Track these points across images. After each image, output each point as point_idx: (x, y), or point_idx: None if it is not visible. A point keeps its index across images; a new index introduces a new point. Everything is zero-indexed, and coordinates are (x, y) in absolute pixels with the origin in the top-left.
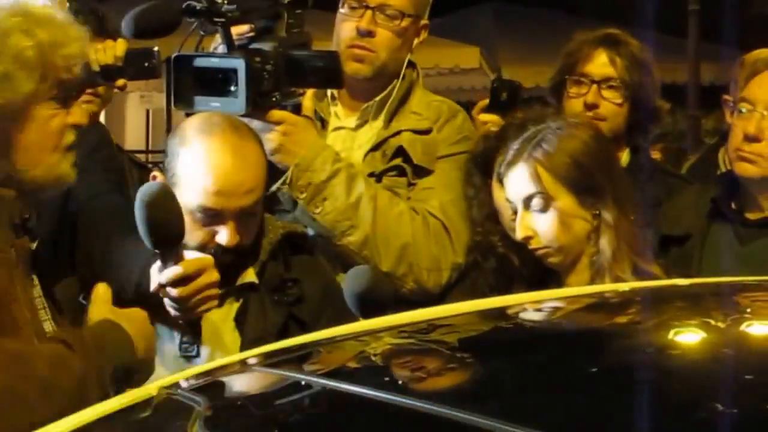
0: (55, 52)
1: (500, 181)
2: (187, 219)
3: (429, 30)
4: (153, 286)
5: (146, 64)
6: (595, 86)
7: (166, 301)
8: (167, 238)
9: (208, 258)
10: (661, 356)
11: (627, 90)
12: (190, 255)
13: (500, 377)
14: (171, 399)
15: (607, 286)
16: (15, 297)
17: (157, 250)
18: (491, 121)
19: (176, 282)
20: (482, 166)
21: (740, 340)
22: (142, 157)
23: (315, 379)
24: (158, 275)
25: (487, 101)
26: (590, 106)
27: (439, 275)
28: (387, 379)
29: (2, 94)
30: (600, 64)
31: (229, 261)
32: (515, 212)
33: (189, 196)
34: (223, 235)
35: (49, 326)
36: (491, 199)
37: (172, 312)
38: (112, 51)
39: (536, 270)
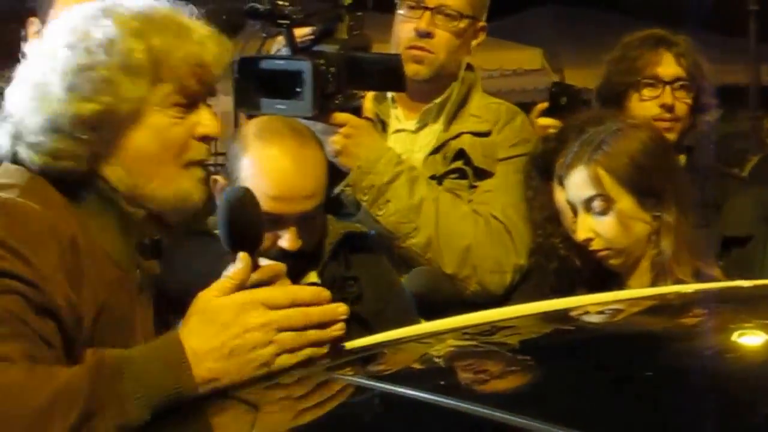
0: (171, 56)
1: (561, 183)
2: None
3: (491, 32)
4: None
5: None
6: (668, 87)
7: None
8: (246, 241)
9: (281, 266)
10: (728, 359)
11: (693, 88)
12: (264, 263)
13: (563, 381)
14: (230, 402)
15: (669, 288)
16: (132, 325)
17: (233, 252)
18: (550, 125)
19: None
20: (542, 167)
21: None
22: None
23: (376, 383)
24: None
25: (546, 104)
26: (668, 108)
27: (502, 277)
28: (450, 383)
29: (103, 99)
30: (669, 65)
31: (292, 266)
32: (576, 214)
33: None
34: (285, 240)
35: None
36: (552, 201)
37: None
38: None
39: (598, 272)
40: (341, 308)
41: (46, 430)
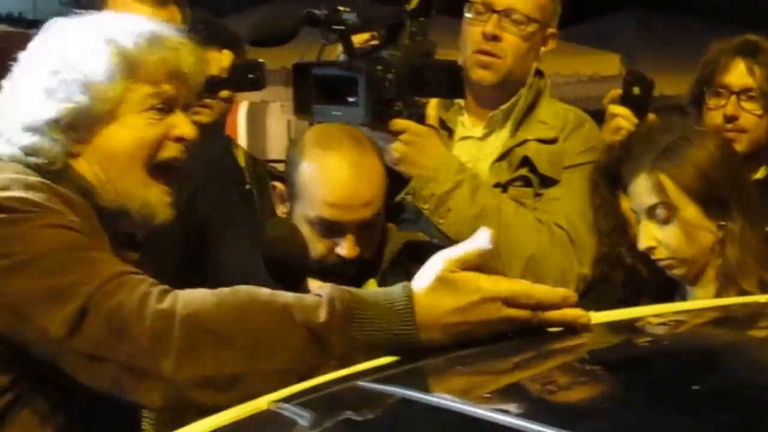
0: (145, 60)
1: (626, 191)
2: (307, 230)
3: (569, 37)
4: None
5: (251, 76)
6: (734, 97)
7: None
8: (289, 276)
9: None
10: None
11: (767, 100)
12: (314, 285)
13: (623, 394)
14: (277, 414)
15: (732, 300)
16: None
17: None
18: (621, 114)
19: None
20: (609, 176)
21: None
22: (282, 167)
23: (428, 398)
24: None
25: (619, 91)
26: (730, 119)
27: (566, 287)
28: (505, 396)
29: (79, 100)
30: (738, 74)
31: (351, 273)
32: (638, 222)
33: (308, 208)
34: (343, 247)
35: None
36: (618, 210)
37: None
38: (217, 62)
39: (664, 282)
40: (582, 319)
41: (272, 354)
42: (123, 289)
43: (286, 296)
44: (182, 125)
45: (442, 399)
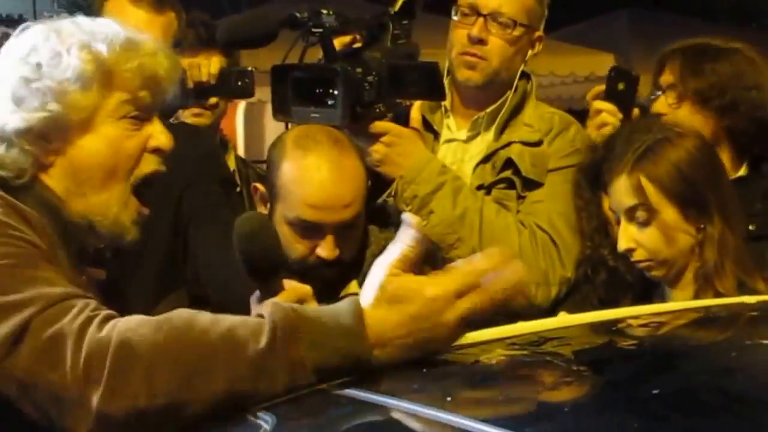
0: (120, 66)
1: (607, 192)
2: (286, 231)
3: (564, 36)
4: (252, 315)
5: (240, 83)
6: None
7: None
8: (263, 271)
9: (306, 289)
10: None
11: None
12: (289, 285)
13: (601, 396)
14: (244, 417)
15: (709, 301)
16: None
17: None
18: (606, 109)
19: None
20: (591, 177)
21: None
22: None
23: (393, 402)
24: (257, 306)
25: (602, 87)
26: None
27: (548, 289)
28: (472, 400)
29: (52, 108)
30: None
31: (331, 275)
32: (618, 223)
33: (287, 209)
34: (323, 249)
35: None
36: (600, 212)
37: None
38: (206, 69)
39: (644, 284)
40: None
41: (211, 378)
42: (64, 316)
43: (227, 321)
44: (159, 135)
45: (406, 403)
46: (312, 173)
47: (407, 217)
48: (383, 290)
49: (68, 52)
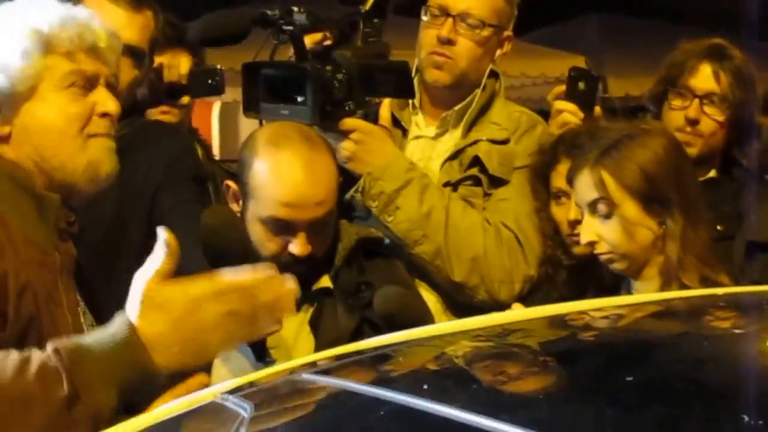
0: (58, 36)
1: (556, 198)
2: (259, 229)
3: (536, 39)
4: None
5: (210, 82)
6: (697, 101)
7: None
8: (227, 265)
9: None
10: (723, 362)
11: (729, 107)
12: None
13: (566, 387)
14: (220, 405)
15: (672, 294)
16: (59, 301)
17: None
18: (567, 109)
19: None
20: (543, 178)
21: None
22: None
23: (367, 388)
24: None
25: (563, 87)
26: (691, 122)
27: (512, 287)
28: (443, 387)
29: (0, 81)
30: (704, 78)
31: (304, 271)
32: (578, 222)
33: (260, 207)
34: (295, 246)
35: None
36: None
37: None
38: (176, 69)
39: (605, 282)
40: (290, 288)
41: (26, 421)
42: None
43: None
44: (105, 101)
45: (384, 390)
46: (284, 171)
47: (161, 232)
48: (147, 299)
49: (9, 29)
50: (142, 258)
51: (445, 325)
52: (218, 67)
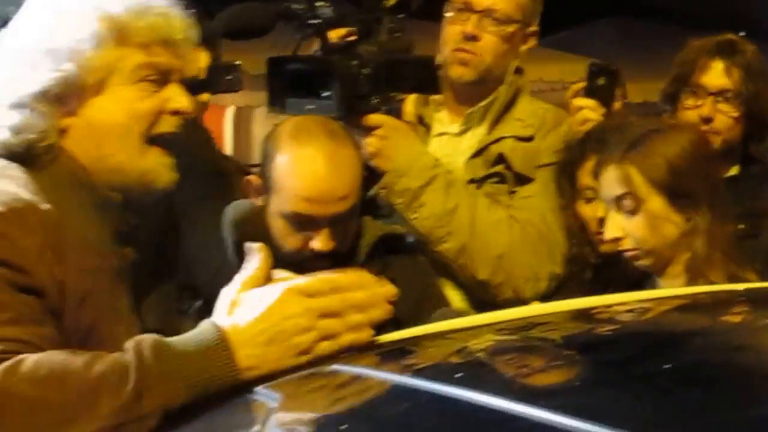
0: (133, 25)
1: (585, 197)
2: (281, 224)
3: (551, 44)
4: None
5: (228, 78)
6: (710, 98)
7: None
8: None
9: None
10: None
11: (743, 102)
12: (280, 274)
13: (594, 376)
14: (250, 397)
15: (701, 288)
16: (117, 310)
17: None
18: (586, 105)
19: None
20: (569, 176)
21: None
22: None
23: (392, 376)
24: None
25: (582, 84)
26: (705, 120)
27: (537, 285)
28: (478, 376)
29: (66, 68)
30: (716, 74)
31: (325, 267)
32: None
33: (283, 202)
34: (317, 241)
35: None
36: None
37: None
38: (194, 64)
39: (631, 280)
40: (387, 288)
41: (94, 412)
42: None
43: (103, 355)
44: (178, 98)
45: (414, 379)
46: (307, 166)
47: (248, 245)
48: (234, 303)
49: (81, 12)
50: (160, 254)
51: (473, 317)
52: (237, 62)
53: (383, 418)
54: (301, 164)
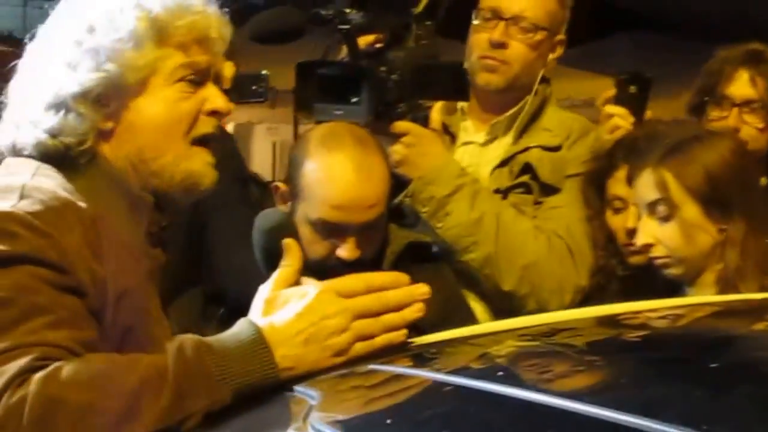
0: (173, 24)
1: (613, 208)
2: (308, 231)
3: (567, 60)
4: None
5: (254, 88)
6: (736, 110)
7: None
8: None
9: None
10: None
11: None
12: (306, 282)
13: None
14: (290, 395)
15: (732, 297)
16: (150, 310)
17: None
18: (617, 113)
19: None
20: (597, 186)
21: None
22: None
23: (429, 374)
24: None
25: (613, 92)
26: (732, 131)
27: (562, 297)
28: (515, 374)
29: (108, 68)
30: (741, 85)
31: (350, 273)
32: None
33: (310, 209)
34: (344, 250)
35: None
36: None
37: None
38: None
39: (659, 292)
40: (421, 288)
41: (138, 415)
42: None
43: (143, 358)
44: (215, 98)
45: (453, 377)
46: (336, 173)
47: (285, 241)
48: (269, 301)
49: (120, 11)
50: (183, 258)
51: (495, 323)
52: (265, 72)
53: (426, 415)
54: (331, 172)
